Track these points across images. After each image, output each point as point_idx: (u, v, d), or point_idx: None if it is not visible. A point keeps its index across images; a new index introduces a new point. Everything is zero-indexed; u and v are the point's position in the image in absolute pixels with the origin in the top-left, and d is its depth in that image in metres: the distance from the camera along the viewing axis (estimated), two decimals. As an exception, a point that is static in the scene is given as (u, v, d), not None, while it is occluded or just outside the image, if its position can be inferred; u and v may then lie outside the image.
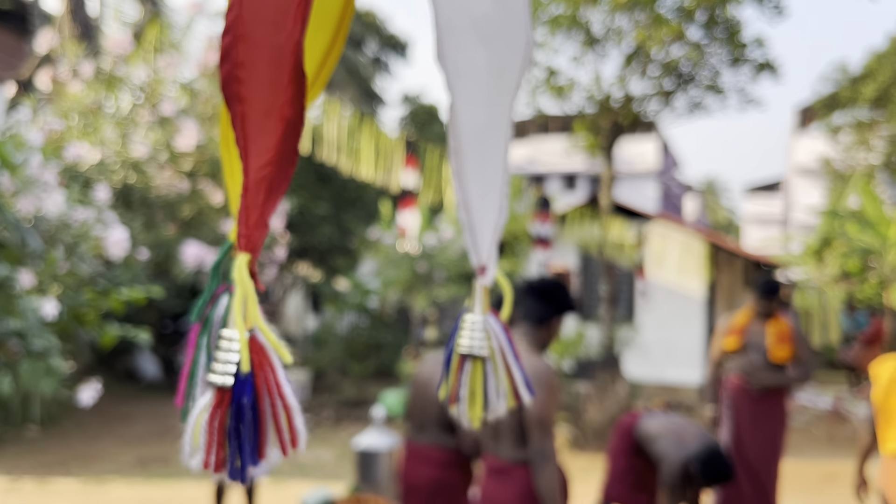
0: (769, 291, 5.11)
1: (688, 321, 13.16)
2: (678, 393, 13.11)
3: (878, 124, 21.49)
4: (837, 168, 22.92)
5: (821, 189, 26.34)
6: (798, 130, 33.13)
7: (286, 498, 6.51)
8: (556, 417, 2.85)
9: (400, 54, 25.75)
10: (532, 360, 2.82)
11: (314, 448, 8.66)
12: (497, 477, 2.91)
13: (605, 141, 10.56)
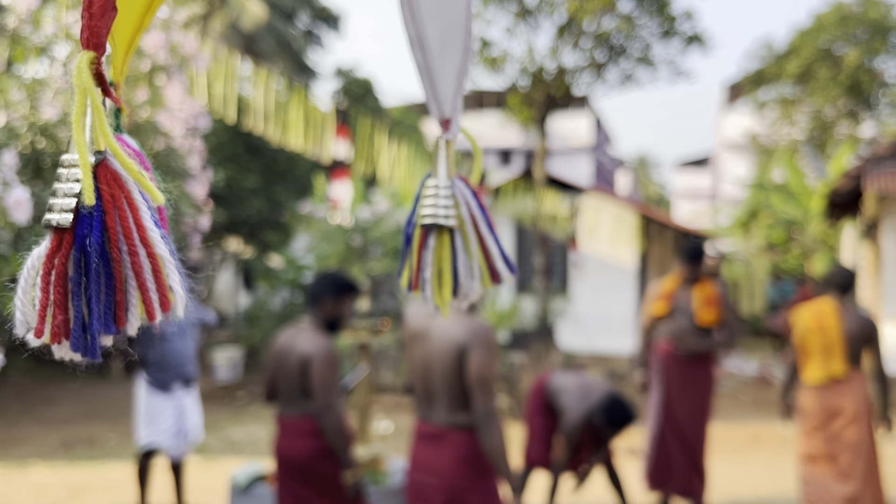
0: (694, 257, 5.15)
1: (620, 291, 13.41)
2: (612, 362, 13.36)
3: (801, 101, 22.23)
4: (763, 143, 23.64)
5: (748, 163, 27.12)
6: (726, 106, 33.99)
7: (217, 476, 6.35)
8: (496, 377, 2.79)
9: (332, 27, 25.24)
10: (468, 320, 2.78)
11: (247, 425, 8.49)
12: (430, 443, 2.84)
13: (538, 113, 10.57)
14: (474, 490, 2.77)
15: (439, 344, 2.78)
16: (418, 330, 2.89)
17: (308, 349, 3.36)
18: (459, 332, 2.74)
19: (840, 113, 21.19)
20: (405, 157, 7.86)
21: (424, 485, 2.85)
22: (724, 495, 5.65)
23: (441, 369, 2.77)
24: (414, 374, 2.91)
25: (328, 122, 7.39)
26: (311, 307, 3.53)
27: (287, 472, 3.45)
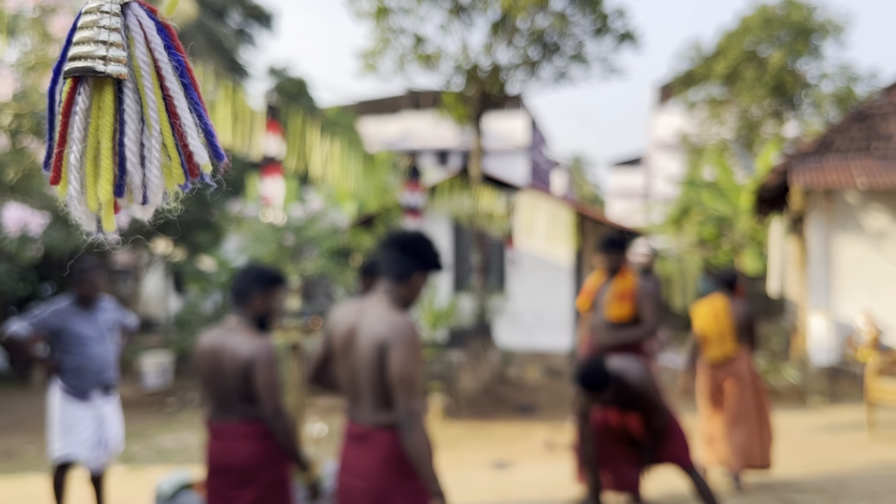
0: (607, 246, 5.09)
1: (557, 288, 13.51)
2: (549, 359, 13.45)
3: (729, 101, 22.86)
4: (693, 142, 24.23)
5: (679, 162, 27.75)
6: (658, 107, 34.77)
7: (144, 486, 6.07)
8: (421, 376, 2.69)
9: (265, 26, 24.79)
10: (393, 315, 2.69)
11: (177, 432, 8.18)
12: (357, 443, 2.75)
13: (473, 111, 10.53)
14: (400, 491, 2.67)
15: (363, 341, 2.69)
16: (345, 327, 2.79)
17: (247, 352, 3.22)
18: (381, 329, 2.65)
19: (766, 113, 21.88)
20: (338, 154, 7.70)
21: (351, 487, 2.75)
22: (659, 486, 5.68)
23: (365, 367, 2.68)
24: (342, 374, 2.81)
25: (258, 118, 7.17)
26: (237, 305, 3.39)
27: (222, 478, 3.29)
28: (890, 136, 10.10)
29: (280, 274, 3.46)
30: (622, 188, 40.51)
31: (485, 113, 10.64)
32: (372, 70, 10.56)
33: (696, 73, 22.73)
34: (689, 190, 19.77)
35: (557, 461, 6.91)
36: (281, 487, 3.32)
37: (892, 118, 10.38)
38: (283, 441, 3.23)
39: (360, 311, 2.80)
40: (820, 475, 6.07)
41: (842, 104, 21.15)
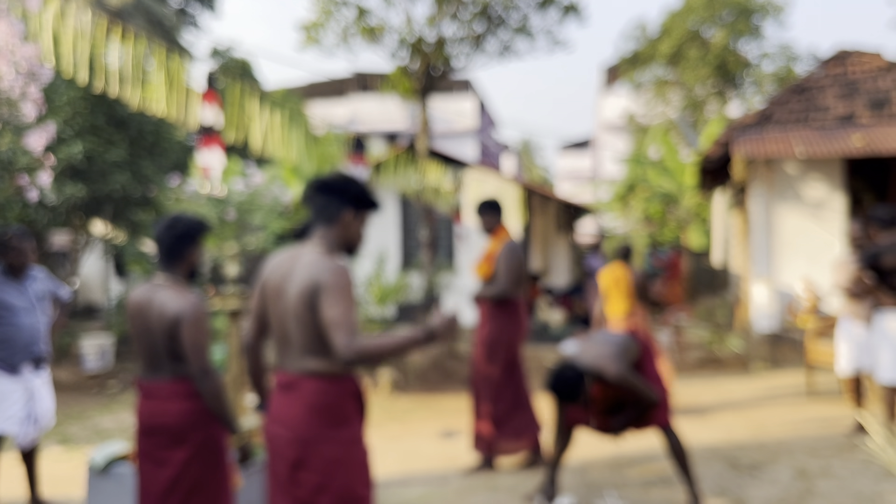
0: (482, 207, 5.57)
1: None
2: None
3: (674, 81, 23.21)
4: (640, 122, 24.54)
5: (626, 144, 28.08)
6: (605, 89, 35.11)
7: (81, 466, 5.87)
8: (355, 318, 2.64)
9: (207, 6, 24.25)
10: (324, 259, 2.67)
11: (118, 413, 7.96)
12: (284, 392, 2.70)
13: (418, 85, 10.43)
14: (327, 440, 2.62)
15: (294, 286, 2.65)
16: (278, 275, 2.74)
17: (175, 308, 3.14)
18: (312, 273, 2.63)
19: (709, 92, 22.28)
20: (280, 125, 7.52)
21: (277, 437, 2.70)
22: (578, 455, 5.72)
23: (295, 313, 2.64)
24: (273, 323, 2.76)
25: (194, 86, 6.96)
26: (166, 261, 3.27)
27: (152, 439, 3.21)
28: (827, 107, 10.35)
29: (205, 222, 3.34)
30: (571, 171, 40.89)
31: (431, 87, 10.56)
32: (314, 43, 10.36)
33: (642, 54, 23.00)
34: (634, 167, 20.05)
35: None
36: (213, 448, 3.24)
37: (829, 90, 10.63)
38: (210, 402, 3.15)
39: (293, 257, 2.76)
40: (762, 434, 6.22)
41: (782, 83, 21.64)
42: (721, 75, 21.62)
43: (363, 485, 2.70)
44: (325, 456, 2.62)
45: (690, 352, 11.03)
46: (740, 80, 22.16)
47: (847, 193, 9.93)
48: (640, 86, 24.04)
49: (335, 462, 2.63)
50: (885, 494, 4.43)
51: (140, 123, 9.83)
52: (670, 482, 4.79)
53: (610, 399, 4.52)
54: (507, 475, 5.32)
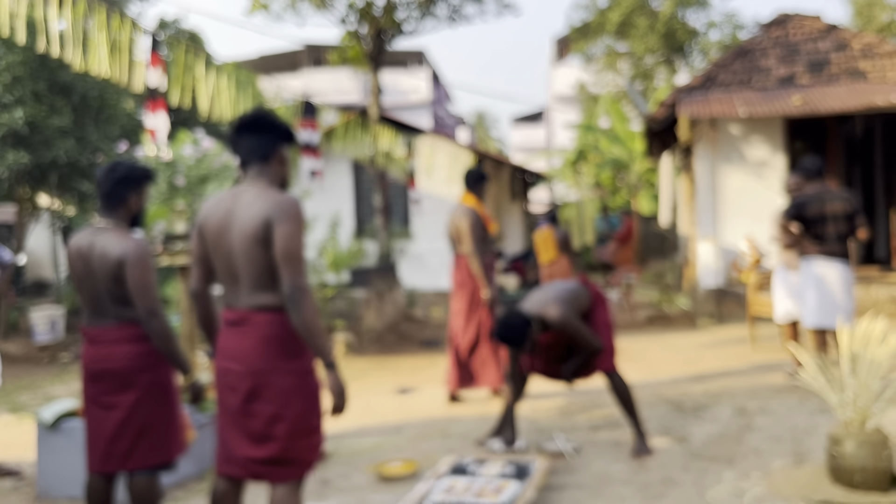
0: None
1: (459, 229, 13.65)
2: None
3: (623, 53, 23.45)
4: (591, 92, 24.78)
5: (578, 114, 28.33)
6: (557, 60, 35.29)
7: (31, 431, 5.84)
8: (304, 253, 2.68)
9: (153, -24, 23.61)
10: (274, 193, 2.68)
11: (69, 383, 7.89)
12: (234, 328, 2.71)
13: (369, 50, 10.39)
14: (280, 372, 2.64)
15: (242, 221, 2.64)
16: (220, 214, 2.71)
17: (119, 250, 3.12)
18: (264, 207, 2.61)
19: (658, 61, 22.57)
20: (227, 89, 7.45)
21: (229, 372, 2.71)
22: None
23: (244, 248, 2.63)
24: (218, 262, 2.75)
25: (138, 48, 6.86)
26: (107, 206, 3.24)
27: (99, 385, 3.20)
28: (769, 69, 10.63)
29: (149, 168, 3.32)
30: (524, 143, 41.12)
31: (381, 53, 10.52)
32: (262, 8, 10.23)
33: (592, 24, 23.13)
34: (585, 135, 20.31)
35: (460, 384, 7.07)
36: (162, 390, 3.25)
37: (771, 53, 10.92)
38: (159, 343, 3.14)
39: (234, 196, 2.74)
40: (705, 380, 6.46)
41: (727, 51, 22.06)
42: (669, 44, 21.91)
43: (315, 415, 2.73)
44: (279, 387, 2.64)
45: (640, 310, 11.33)
46: (688, 48, 22.48)
47: (788, 153, 10.25)
48: (591, 57, 24.23)
49: (289, 392, 2.64)
50: (819, 426, 4.66)
51: (84, 89, 9.60)
52: (617, 425, 4.96)
53: (557, 346, 4.66)
54: (459, 422, 5.46)
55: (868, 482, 3.45)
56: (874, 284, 9.18)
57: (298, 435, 2.66)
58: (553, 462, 4.28)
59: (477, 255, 5.77)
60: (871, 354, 3.62)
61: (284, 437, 2.64)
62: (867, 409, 3.56)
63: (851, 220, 5.73)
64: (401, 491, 3.91)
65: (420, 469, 4.24)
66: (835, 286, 5.67)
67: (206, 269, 2.84)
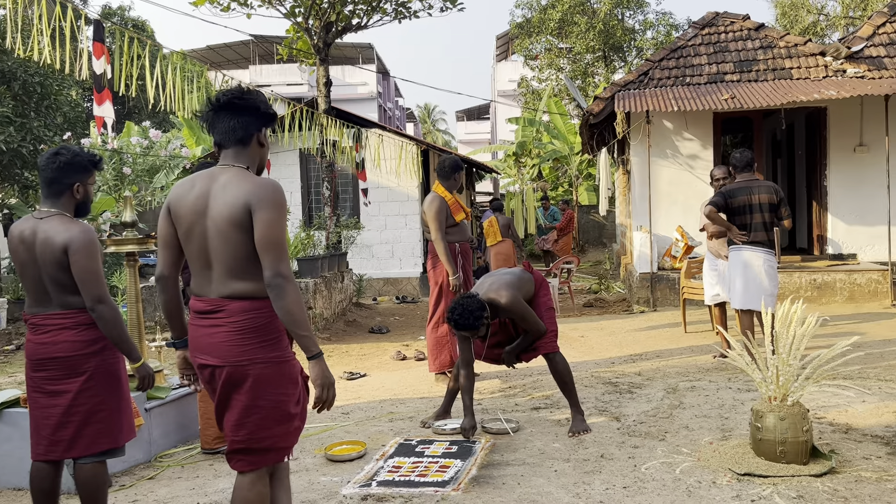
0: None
1: (407, 218, 13.86)
2: (402, 285, 13.87)
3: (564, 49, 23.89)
4: (533, 88, 25.19)
5: (521, 109, 28.78)
6: (500, 57, 35.63)
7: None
8: (286, 237, 2.60)
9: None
10: (255, 178, 2.56)
11: (14, 374, 7.78)
12: (206, 319, 2.57)
13: (318, 41, 10.43)
14: (257, 363, 2.53)
15: (220, 205, 2.50)
16: (194, 197, 2.57)
17: (64, 237, 3.03)
18: (244, 190, 2.49)
19: (596, 58, 23.08)
20: (174, 79, 7.44)
21: (204, 368, 2.61)
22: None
23: (221, 232, 2.50)
24: (188, 248, 2.61)
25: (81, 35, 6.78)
26: (51, 195, 3.14)
27: (44, 372, 3.14)
28: (701, 66, 11.09)
29: (94, 155, 3.24)
30: (470, 137, 41.44)
31: (330, 45, 10.56)
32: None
33: (534, 21, 23.50)
34: (527, 130, 20.67)
35: (407, 369, 7.25)
36: (109, 377, 3.19)
37: (702, 51, 11.38)
38: (106, 330, 3.07)
39: (209, 178, 2.58)
40: (640, 362, 6.76)
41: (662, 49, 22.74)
42: (607, 43, 22.42)
43: (293, 402, 2.63)
44: (257, 377, 2.53)
45: (579, 296, 11.70)
46: (625, 47, 23.04)
47: (717, 146, 10.71)
48: (532, 54, 24.64)
49: (266, 382, 2.54)
50: (744, 403, 4.94)
51: (25, 77, 9.38)
52: (557, 405, 5.18)
53: (501, 331, 4.87)
54: (406, 404, 5.63)
55: (789, 454, 3.64)
56: (797, 271, 9.70)
57: (273, 423, 2.57)
58: (496, 441, 4.44)
59: (442, 240, 5.89)
60: (791, 335, 3.82)
61: (255, 427, 2.56)
62: (788, 386, 3.77)
63: (776, 209, 6.08)
64: (349, 471, 4.01)
65: (368, 450, 4.35)
66: (760, 272, 6.02)
67: (175, 253, 2.68)
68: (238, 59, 34.39)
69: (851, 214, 10.43)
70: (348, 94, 32.68)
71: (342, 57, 33.50)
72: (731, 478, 3.63)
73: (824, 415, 4.60)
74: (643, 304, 10.08)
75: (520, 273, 4.82)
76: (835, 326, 7.79)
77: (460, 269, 6.06)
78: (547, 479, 3.77)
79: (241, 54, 34.06)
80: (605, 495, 3.50)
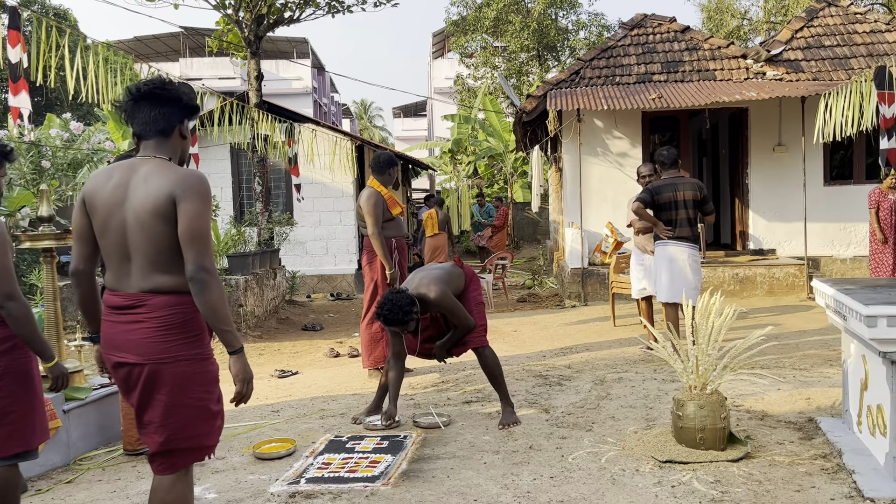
0: None
1: (341, 215, 13.77)
2: (337, 282, 13.76)
3: (499, 48, 24.12)
4: (469, 85, 25.37)
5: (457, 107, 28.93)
6: (436, 55, 35.71)
7: None
8: (210, 230, 2.53)
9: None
10: (178, 169, 2.49)
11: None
12: (122, 314, 2.49)
13: (249, 34, 10.25)
14: (182, 360, 2.48)
15: (141, 196, 2.43)
16: (107, 192, 2.50)
17: None
18: (168, 181, 2.42)
19: (530, 57, 23.39)
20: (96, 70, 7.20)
21: (121, 366, 2.53)
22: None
23: (141, 225, 2.43)
24: (104, 241, 2.53)
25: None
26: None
27: None
28: (630, 66, 11.35)
29: (6, 146, 3.16)
30: (407, 134, 41.42)
31: (261, 38, 10.40)
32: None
33: (469, 19, 23.65)
34: (462, 127, 20.81)
35: (340, 366, 7.21)
36: (21, 377, 3.08)
37: (631, 51, 11.65)
38: (17, 328, 2.96)
39: (130, 168, 2.52)
40: (570, 355, 6.89)
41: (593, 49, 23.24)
42: (541, 42, 22.74)
43: (214, 399, 2.59)
44: (178, 375, 2.47)
45: (513, 292, 11.84)
46: (560, 46, 23.41)
47: (646, 145, 10.99)
48: (468, 52, 24.81)
49: (187, 380, 2.48)
50: (668, 393, 5.10)
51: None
52: (488, 399, 5.23)
53: (432, 326, 4.89)
54: (337, 401, 5.60)
55: (708, 441, 3.77)
56: (720, 266, 10.04)
57: (198, 421, 2.53)
58: (426, 435, 4.46)
59: (379, 235, 5.89)
60: (710, 326, 3.96)
61: (178, 426, 2.50)
62: (707, 375, 3.91)
63: (700, 206, 6.28)
64: (277, 469, 3.97)
65: (297, 447, 4.32)
66: (685, 266, 6.21)
67: (90, 246, 2.60)
68: (168, 52, 33.54)
69: (771, 211, 10.85)
70: (282, 88, 32.23)
71: (276, 51, 33.07)
72: (654, 465, 3.74)
73: (742, 402, 4.78)
74: (574, 299, 10.27)
75: (450, 268, 4.85)
76: (755, 319, 8.10)
77: (396, 264, 6.07)
78: (476, 471, 3.80)
79: (171, 47, 33.21)
80: (533, 485, 3.56)
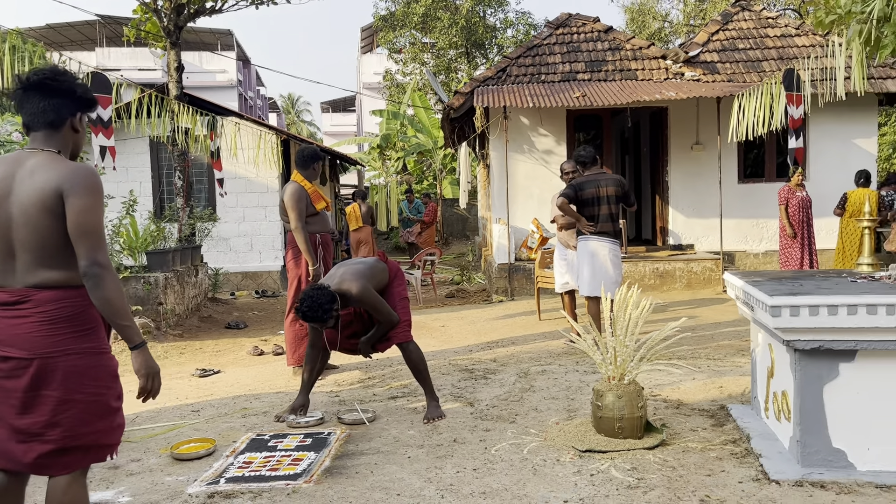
0: None
1: (266, 211, 13.54)
2: (261, 279, 13.53)
3: (428, 44, 24.16)
4: (398, 80, 25.32)
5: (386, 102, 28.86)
6: (365, 50, 35.49)
7: None
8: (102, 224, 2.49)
9: None
10: (67, 163, 2.44)
11: None
12: (7, 310, 2.41)
13: (168, 23, 9.97)
14: (69, 353, 2.41)
15: (27, 190, 2.37)
16: None
17: None
18: (55, 175, 2.37)
19: (458, 54, 23.52)
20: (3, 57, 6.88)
21: (8, 360, 2.41)
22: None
23: (27, 219, 2.37)
24: None
25: None
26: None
27: None
28: (555, 65, 11.54)
29: None
30: (336, 129, 41.07)
31: (181, 25, 10.11)
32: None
33: (398, 15, 23.60)
34: (391, 123, 20.77)
35: (264, 364, 7.10)
36: None
37: (556, 50, 11.84)
38: None
39: (15, 161, 2.46)
40: (496, 349, 6.98)
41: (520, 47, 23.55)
42: (469, 39, 22.90)
43: (113, 396, 2.52)
44: (69, 369, 2.41)
45: (441, 287, 11.89)
46: (488, 44, 23.61)
47: (571, 142, 11.20)
48: (397, 47, 24.76)
49: (80, 374, 2.42)
50: (589, 384, 5.23)
51: None
52: (414, 394, 5.25)
53: (355, 321, 4.87)
54: (260, 399, 5.52)
55: (626, 430, 3.89)
56: (641, 261, 10.33)
57: (94, 418, 2.46)
58: (351, 431, 4.44)
59: (302, 230, 5.80)
60: (627, 317, 4.07)
61: (72, 423, 2.42)
62: (625, 366, 4.01)
63: (623, 200, 6.45)
64: (196, 470, 3.89)
65: (217, 447, 4.23)
66: (606, 261, 6.37)
67: None
68: (83, 41, 32.24)
69: (689, 208, 11.22)
70: (206, 81, 31.45)
71: (199, 42, 32.23)
72: (574, 455, 3.82)
73: (659, 392, 4.94)
74: (502, 294, 10.39)
75: (373, 263, 4.84)
76: (673, 311, 8.37)
77: (321, 259, 5.99)
78: (400, 465, 3.81)
79: (87, 35, 31.94)
80: (456, 478, 3.59)
